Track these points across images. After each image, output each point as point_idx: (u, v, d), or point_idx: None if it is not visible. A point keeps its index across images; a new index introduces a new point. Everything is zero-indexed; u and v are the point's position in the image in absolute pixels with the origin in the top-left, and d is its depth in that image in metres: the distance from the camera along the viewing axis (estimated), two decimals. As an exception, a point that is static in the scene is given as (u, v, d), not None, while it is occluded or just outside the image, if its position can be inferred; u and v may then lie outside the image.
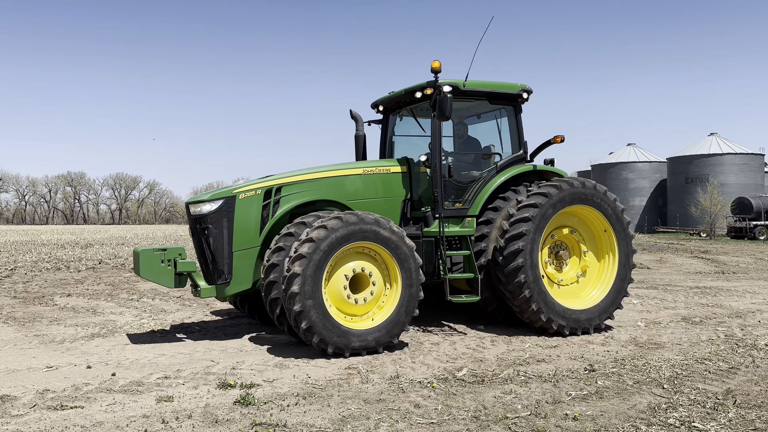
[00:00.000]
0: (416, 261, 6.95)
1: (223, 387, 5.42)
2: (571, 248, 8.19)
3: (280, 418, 4.59)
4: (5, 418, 4.62)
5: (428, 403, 5.00)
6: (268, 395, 5.18)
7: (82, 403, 5.01)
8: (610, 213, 8.02)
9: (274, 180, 7.62)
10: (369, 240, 6.76)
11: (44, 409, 4.83)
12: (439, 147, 7.91)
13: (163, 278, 7.19)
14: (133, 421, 4.56)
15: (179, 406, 4.93)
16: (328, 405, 4.94)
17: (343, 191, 7.83)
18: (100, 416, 4.68)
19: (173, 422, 4.54)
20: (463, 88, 7.94)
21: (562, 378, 5.73)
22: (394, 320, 6.80)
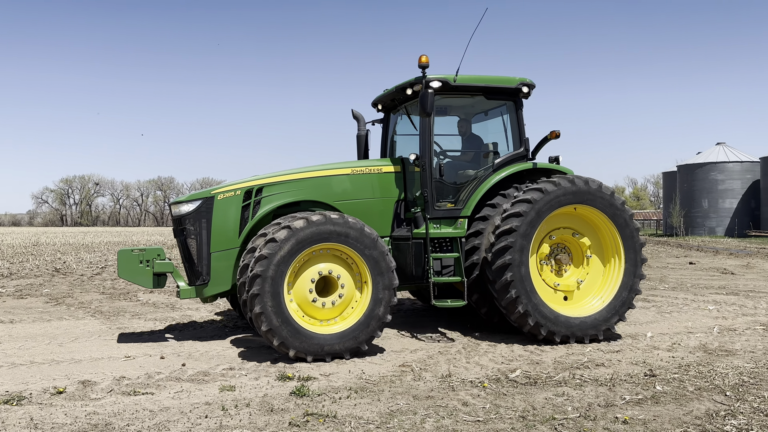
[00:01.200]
0: (389, 265, 6.67)
1: (282, 379, 5.69)
2: (574, 252, 7.74)
3: (331, 410, 4.79)
4: (85, 401, 5.06)
5: (477, 401, 5.06)
6: (322, 388, 5.39)
7: (152, 389, 5.40)
8: (616, 216, 7.51)
9: (255, 180, 7.49)
10: (336, 241, 6.56)
11: (119, 394, 5.26)
12: (429, 145, 7.60)
13: (142, 279, 7.26)
14: (196, 408, 4.89)
15: (240, 395, 5.23)
16: (378, 399, 5.09)
17: (330, 192, 7.61)
18: (167, 402, 5.04)
19: (232, 410, 4.83)
20: (453, 83, 7.62)
21: (619, 382, 5.61)
22: (363, 326, 6.54)
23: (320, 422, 4.53)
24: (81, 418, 4.62)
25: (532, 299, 7.10)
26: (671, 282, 13.77)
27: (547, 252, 7.57)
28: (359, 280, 6.76)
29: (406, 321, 8.95)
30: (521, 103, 8.15)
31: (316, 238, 6.48)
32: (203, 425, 4.50)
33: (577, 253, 7.73)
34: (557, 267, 7.67)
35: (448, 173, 7.97)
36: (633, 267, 7.57)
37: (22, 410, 4.79)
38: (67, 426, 4.46)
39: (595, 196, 7.43)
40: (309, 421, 4.54)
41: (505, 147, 8.22)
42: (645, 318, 9.04)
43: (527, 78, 8.03)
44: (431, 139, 7.61)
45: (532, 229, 7.18)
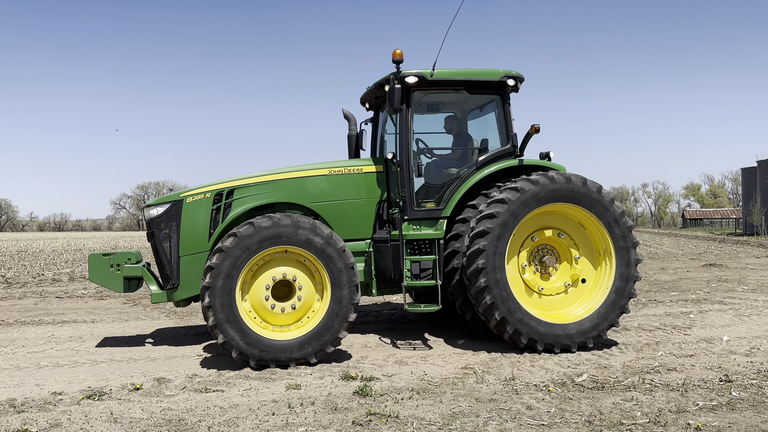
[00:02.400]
0: (345, 261, 6.46)
1: (345, 378, 5.78)
2: (562, 254, 7.28)
3: (394, 410, 4.84)
4: (160, 397, 5.32)
5: (541, 405, 4.98)
6: (385, 388, 5.45)
7: (223, 387, 5.61)
8: (604, 215, 7.01)
9: (226, 183, 7.36)
10: (288, 244, 6.39)
11: (191, 391, 5.49)
12: (407, 144, 7.34)
13: (112, 282, 7.21)
14: (263, 405, 5.05)
15: (305, 393, 5.36)
16: (441, 401, 5.10)
17: (305, 193, 7.41)
18: (237, 399, 5.23)
19: (298, 407, 4.96)
20: (430, 78, 7.31)
21: (692, 388, 5.40)
22: (324, 329, 6.36)
23: (383, 422, 4.58)
24: (156, 414, 4.85)
25: (510, 305, 6.70)
26: (751, 284, 13.08)
27: (530, 254, 7.18)
28: (319, 284, 6.58)
29: (462, 325, 8.89)
30: (508, 97, 7.70)
31: (266, 243, 6.33)
32: (270, 422, 4.64)
33: (565, 254, 7.28)
34: (543, 270, 7.24)
35: (430, 172, 7.74)
36: (625, 269, 7.05)
37: (103, 405, 5.08)
38: (144, 421, 4.69)
39: (580, 193, 6.95)
40: (372, 421, 4.61)
41: (497, 144, 7.81)
42: (721, 321, 8.63)
43: (513, 70, 7.60)
44: (409, 137, 7.37)
45: (507, 231, 6.78)
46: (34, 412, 4.88)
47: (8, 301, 12.05)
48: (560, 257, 7.28)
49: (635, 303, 10.56)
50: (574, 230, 7.23)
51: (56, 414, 4.84)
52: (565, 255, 7.26)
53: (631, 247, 7.07)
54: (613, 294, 7.01)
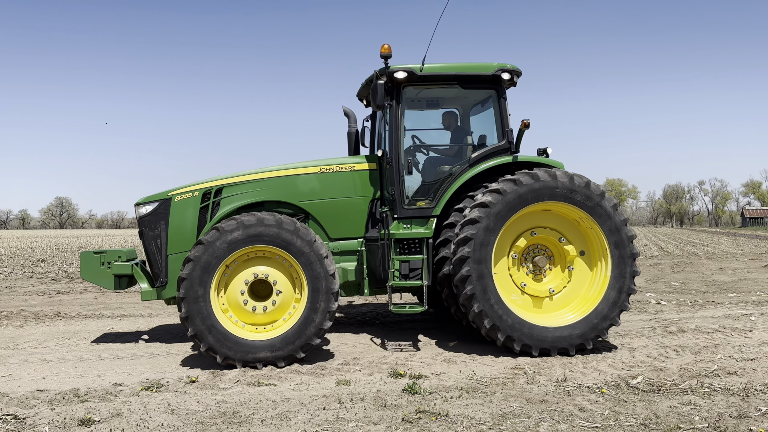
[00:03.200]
0: (325, 268, 6.30)
1: (394, 376, 5.81)
2: (556, 254, 7.00)
3: (443, 408, 4.83)
4: (215, 390, 5.46)
5: (594, 407, 4.89)
6: (434, 386, 5.45)
7: (275, 381, 5.72)
8: (597, 213, 6.68)
9: (215, 181, 7.33)
10: (269, 244, 6.30)
11: (244, 385, 5.62)
12: (397, 140, 7.18)
13: (103, 280, 7.21)
14: (314, 400, 5.12)
15: (354, 389, 5.41)
16: (490, 401, 5.06)
17: (295, 191, 7.32)
18: (288, 393, 5.33)
19: (348, 403, 5.01)
20: (419, 73, 7.14)
21: (754, 392, 5.19)
22: (296, 333, 6.23)
23: (432, 420, 4.59)
24: (211, 406, 4.99)
25: (499, 311, 6.48)
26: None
27: (522, 255, 6.95)
28: (298, 285, 6.46)
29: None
30: (503, 91, 7.45)
31: (242, 242, 6.27)
32: (321, 417, 4.71)
33: (560, 254, 6.99)
34: (536, 271, 6.97)
35: (422, 170, 7.59)
36: (621, 269, 6.73)
37: (161, 396, 5.25)
38: (200, 413, 4.83)
39: (566, 189, 6.65)
40: (421, 419, 4.61)
41: (495, 140, 7.54)
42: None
43: (508, 64, 7.32)
44: (399, 133, 7.21)
45: (491, 236, 6.55)
46: (97, 402, 5.09)
47: (70, 295, 12.59)
48: (554, 257, 7.01)
49: (692, 304, 10.23)
50: (569, 229, 6.95)
51: (117, 404, 5.03)
52: (559, 255, 6.99)
53: (628, 246, 6.74)
54: (605, 302, 6.68)
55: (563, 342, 6.55)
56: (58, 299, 11.94)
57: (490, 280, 6.52)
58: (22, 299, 11.98)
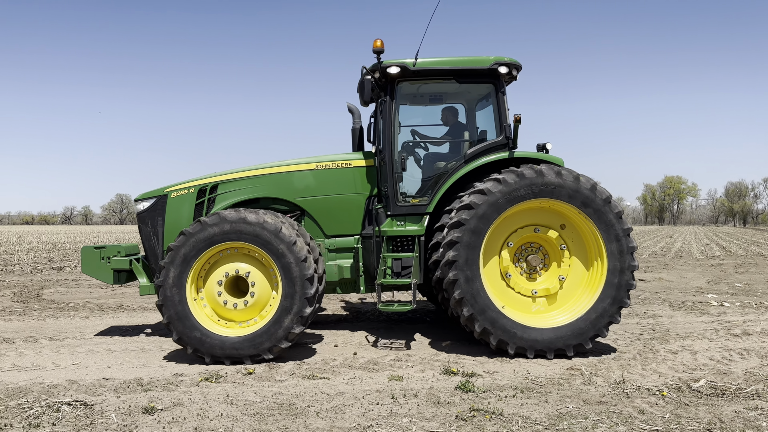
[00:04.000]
0: (302, 272, 6.13)
1: (446, 373, 5.80)
2: (551, 253, 6.75)
3: (497, 407, 4.79)
4: (271, 382, 5.58)
5: (654, 410, 4.76)
6: (487, 385, 5.41)
7: (328, 375, 5.80)
8: (592, 211, 6.39)
9: (210, 178, 7.42)
10: (237, 240, 6.23)
11: (300, 377, 5.72)
12: (390, 136, 7.05)
13: (103, 275, 7.34)
14: (368, 394, 5.17)
15: (407, 385, 5.43)
16: (546, 401, 4.99)
17: (291, 188, 7.33)
18: (342, 387, 5.39)
19: (401, 399, 5.04)
20: (413, 68, 6.98)
21: (828, 400, 4.95)
22: (265, 333, 6.14)
23: (486, 418, 4.56)
24: (268, 397, 5.10)
25: (490, 314, 6.31)
26: None
27: (516, 253, 6.74)
28: (275, 283, 6.35)
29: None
30: (502, 85, 7.22)
31: (214, 240, 6.24)
32: (375, 411, 4.74)
33: (555, 253, 6.74)
34: (530, 270, 6.75)
35: (416, 166, 7.45)
36: (618, 274, 6.42)
37: (220, 387, 5.40)
38: (257, 404, 4.95)
39: (553, 185, 6.37)
40: (475, 416, 4.59)
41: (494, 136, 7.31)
42: None
43: (506, 57, 7.07)
44: (393, 129, 7.08)
45: (478, 238, 6.35)
46: (159, 391, 5.28)
47: (132, 288, 13.07)
48: (549, 256, 6.78)
49: (757, 306, 9.81)
50: (568, 229, 6.70)
51: (178, 394, 5.20)
52: (555, 254, 6.75)
53: (626, 252, 6.42)
54: (600, 303, 6.42)
55: (559, 343, 6.35)
56: (121, 292, 12.42)
57: (479, 283, 6.35)
58: (87, 292, 12.52)
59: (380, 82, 7.20)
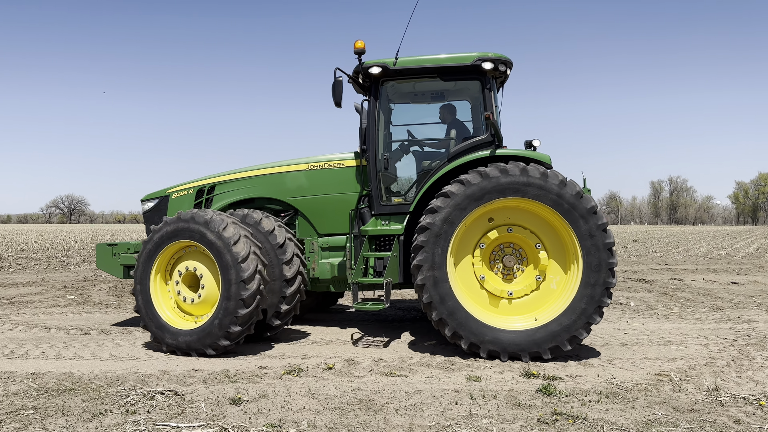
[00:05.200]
0: (239, 274, 6.17)
1: (526, 375, 5.69)
2: (529, 254, 6.49)
3: (581, 412, 4.66)
4: (350, 378, 5.67)
5: (752, 420, 4.49)
6: (569, 389, 5.28)
7: (406, 373, 5.83)
8: (565, 210, 6.12)
9: (208, 179, 7.78)
10: (189, 239, 6.48)
11: (378, 374, 5.78)
12: (374, 136, 7.07)
13: (114, 270, 7.75)
14: (446, 394, 5.16)
15: (486, 386, 5.37)
16: (633, 407, 4.81)
17: (284, 188, 7.55)
18: (420, 386, 5.40)
19: (480, 399, 4.99)
20: (393, 67, 6.96)
21: None
22: (207, 330, 6.32)
23: (570, 423, 4.45)
24: (348, 393, 5.19)
25: (460, 317, 6.19)
26: None
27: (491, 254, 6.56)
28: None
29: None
30: (487, 81, 7.02)
31: (168, 239, 6.57)
32: (454, 411, 4.73)
33: (533, 255, 6.49)
34: (507, 271, 6.54)
35: (403, 166, 7.42)
36: (595, 273, 6.09)
37: (302, 381, 5.54)
38: (338, 398, 5.04)
39: (528, 186, 6.17)
40: (558, 420, 4.49)
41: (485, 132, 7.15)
42: None
43: (490, 53, 6.90)
44: (377, 129, 7.10)
45: (444, 242, 6.25)
46: (245, 383, 5.48)
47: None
48: (528, 258, 6.54)
49: None
50: (543, 228, 6.45)
51: (263, 386, 5.38)
52: (532, 255, 6.51)
53: (603, 248, 6.11)
54: (579, 302, 6.12)
55: (534, 346, 6.16)
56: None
57: (447, 286, 6.26)
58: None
59: (364, 83, 7.31)
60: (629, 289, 12.39)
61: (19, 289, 12.67)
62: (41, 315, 9.22)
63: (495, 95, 7.23)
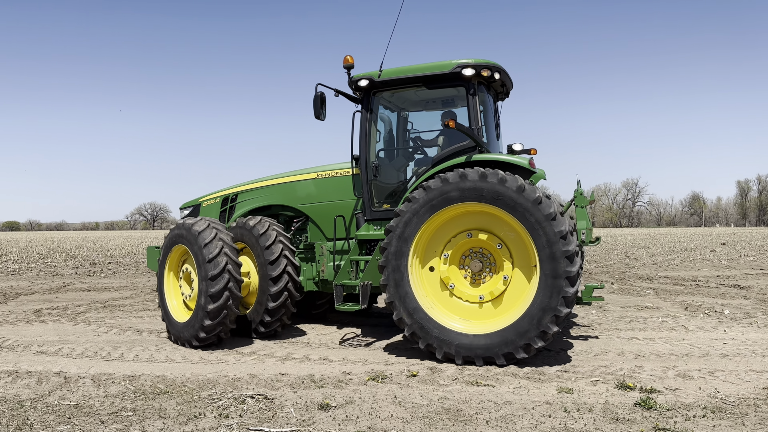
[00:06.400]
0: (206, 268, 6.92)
1: (621, 388, 5.43)
2: (497, 259, 6.47)
3: (686, 427, 4.39)
4: (435, 386, 5.58)
5: None
6: (670, 403, 4.98)
7: (492, 382, 5.68)
8: (522, 216, 6.06)
9: (232, 189, 8.67)
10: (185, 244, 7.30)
11: (463, 383, 5.66)
12: (366, 145, 7.38)
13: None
14: (537, 406, 4.98)
15: (579, 398, 5.15)
16: (743, 423, 4.48)
17: (295, 196, 8.19)
18: (509, 396, 5.24)
19: (574, 413, 4.79)
20: (378, 79, 7.25)
21: None
22: (191, 323, 7.18)
23: (674, 439, 4.18)
24: (435, 401, 5.10)
25: (417, 318, 6.40)
26: None
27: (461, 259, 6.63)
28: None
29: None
30: (471, 87, 7.04)
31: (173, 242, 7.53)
32: (548, 424, 4.55)
33: (499, 260, 6.47)
34: (475, 276, 6.57)
35: (394, 172, 7.64)
36: (551, 280, 5.95)
37: (387, 388, 5.50)
38: (425, 407, 4.97)
39: (483, 191, 6.20)
40: (661, 437, 4.24)
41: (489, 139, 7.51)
42: None
43: (473, 59, 6.93)
44: (368, 138, 7.40)
45: (405, 244, 6.49)
46: (331, 389, 5.49)
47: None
48: (496, 264, 6.52)
49: None
50: (509, 234, 6.39)
51: (348, 392, 5.38)
52: (499, 262, 6.49)
53: (559, 255, 5.93)
54: (534, 308, 6.04)
55: (488, 351, 6.16)
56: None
57: (407, 287, 6.46)
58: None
59: (356, 94, 7.65)
60: (723, 296, 11.68)
61: (111, 293, 13.34)
62: (133, 318, 9.65)
63: (490, 101, 7.61)
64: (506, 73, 7.55)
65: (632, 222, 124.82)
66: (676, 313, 9.65)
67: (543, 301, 6.01)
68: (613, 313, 9.71)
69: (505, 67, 7.46)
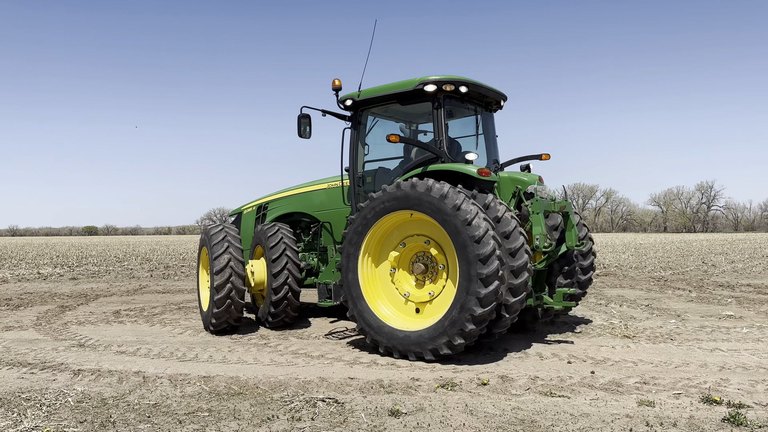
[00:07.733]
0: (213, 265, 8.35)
1: (707, 402, 5.14)
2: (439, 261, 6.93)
3: (782, 448, 4.10)
4: (507, 395, 5.45)
5: None
6: (762, 419, 4.67)
7: (567, 393, 5.50)
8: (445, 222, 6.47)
9: (264, 198, 10.09)
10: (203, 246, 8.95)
11: (536, 393, 5.50)
12: (354, 157, 8.12)
13: None
14: (617, 419, 4.77)
15: (661, 412, 4.91)
16: None
17: (311, 204, 9.30)
18: (585, 408, 5.05)
19: (658, 427, 4.56)
20: (357, 98, 7.97)
21: None
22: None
23: (770, 460, 3.91)
24: (507, 412, 4.97)
25: (365, 315, 7.04)
26: None
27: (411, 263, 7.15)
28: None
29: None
30: (437, 103, 7.51)
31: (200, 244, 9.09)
32: (629, 439, 4.35)
33: (440, 262, 6.96)
34: (422, 279, 7.06)
35: (378, 182, 8.18)
36: (466, 282, 6.33)
37: (457, 396, 5.42)
38: (497, 417, 4.85)
39: (409, 198, 6.71)
40: (755, 456, 3.97)
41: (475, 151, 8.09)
42: None
43: (435, 75, 7.36)
44: (355, 151, 8.16)
45: (355, 249, 7.15)
46: (400, 394, 5.46)
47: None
48: (437, 266, 6.95)
49: None
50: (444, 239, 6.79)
51: (418, 399, 5.33)
52: (439, 264, 6.95)
53: (473, 259, 6.27)
54: (453, 308, 6.45)
55: (419, 347, 6.64)
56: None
57: (357, 287, 7.12)
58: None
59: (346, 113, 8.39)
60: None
61: (185, 295, 13.81)
62: (205, 320, 9.94)
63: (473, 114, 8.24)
64: (482, 85, 7.93)
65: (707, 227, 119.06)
66: (762, 323, 9.09)
67: (460, 301, 6.41)
68: (693, 322, 9.25)
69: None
